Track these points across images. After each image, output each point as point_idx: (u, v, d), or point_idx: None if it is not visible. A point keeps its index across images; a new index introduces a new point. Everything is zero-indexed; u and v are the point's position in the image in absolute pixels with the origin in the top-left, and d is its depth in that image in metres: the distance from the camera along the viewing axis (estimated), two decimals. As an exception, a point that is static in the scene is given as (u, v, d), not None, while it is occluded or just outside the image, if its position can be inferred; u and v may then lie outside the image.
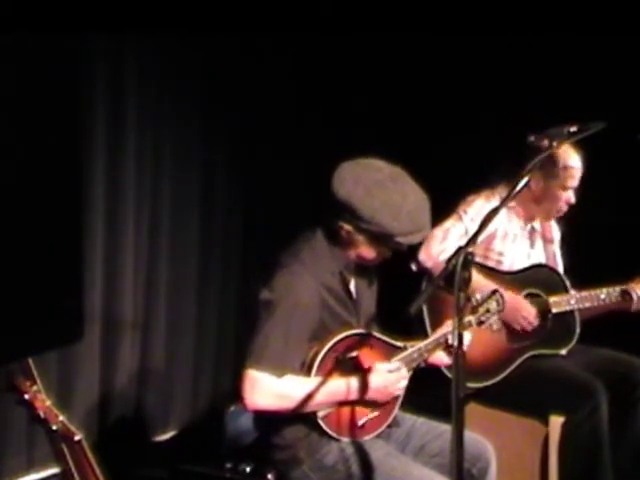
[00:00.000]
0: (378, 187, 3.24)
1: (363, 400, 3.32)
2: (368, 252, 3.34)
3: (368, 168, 3.29)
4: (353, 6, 5.07)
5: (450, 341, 3.41)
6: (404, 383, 3.38)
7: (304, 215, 3.39)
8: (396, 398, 3.40)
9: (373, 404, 3.35)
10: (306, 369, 3.27)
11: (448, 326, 3.45)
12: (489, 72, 5.26)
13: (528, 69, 5.18)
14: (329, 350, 3.28)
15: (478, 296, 3.68)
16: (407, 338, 3.48)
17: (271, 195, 5.39)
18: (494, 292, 3.64)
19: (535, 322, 4.15)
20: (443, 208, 4.16)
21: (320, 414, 3.28)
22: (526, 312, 4.13)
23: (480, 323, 3.58)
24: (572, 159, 4.15)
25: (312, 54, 5.28)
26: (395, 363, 3.36)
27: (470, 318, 3.53)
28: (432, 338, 3.48)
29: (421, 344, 3.45)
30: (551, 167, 4.14)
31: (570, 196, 4.21)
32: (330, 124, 5.38)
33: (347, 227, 3.28)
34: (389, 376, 3.33)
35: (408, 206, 3.24)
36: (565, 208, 4.25)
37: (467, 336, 3.44)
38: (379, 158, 3.35)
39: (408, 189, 3.29)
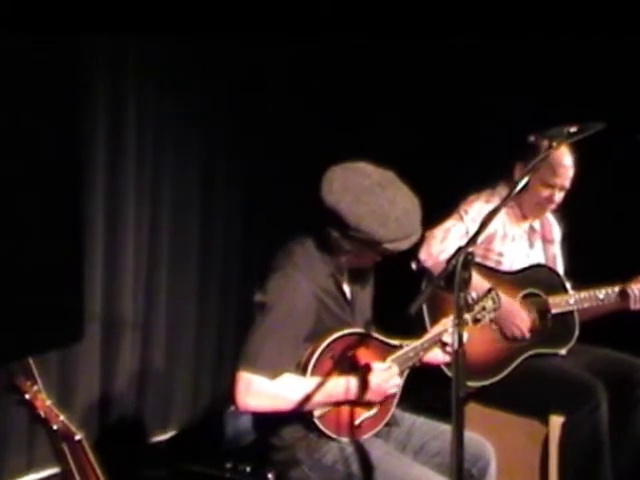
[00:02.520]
0: (366, 194, 3.22)
1: (359, 400, 3.31)
2: (357, 258, 3.34)
3: (356, 174, 3.27)
4: (353, 8, 5.07)
5: (445, 339, 3.43)
6: (397, 381, 3.38)
7: (304, 216, 3.39)
8: (392, 397, 3.40)
9: (369, 404, 3.35)
10: (301, 369, 3.27)
11: (444, 324, 3.46)
12: (489, 73, 5.27)
13: (528, 70, 5.19)
14: (324, 349, 3.28)
15: (474, 294, 3.67)
16: (406, 337, 3.49)
17: (271, 195, 5.39)
18: (490, 290, 3.64)
19: (527, 332, 4.13)
20: (443, 208, 4.17)
21: (316, 414, 3.28)
22: (519, 319, 4.11)
23: (476, 321, 3.58)
24: (562, 157, 4.08)
25: (312, 55, 5.28)
26: (387, 362, 3.36)
27: (466, 316, 3.53)
28: (428, 336, 3.48)
29: (417, 343, 3.45)
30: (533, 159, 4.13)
31: (553, 194, 4.16)
32: (331, 125, 5.38)
33: (335, 234, 3.27)
34: (383, 375, 3.33)
35: (396, 212, 3.23)
36: (548, 206, 4.20)
37: (464, 335, 3.44)
38: (376, 161, 3.34)
39: (397, 195, 3.27)
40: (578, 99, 4.85)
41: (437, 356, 3.53)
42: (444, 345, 3.45)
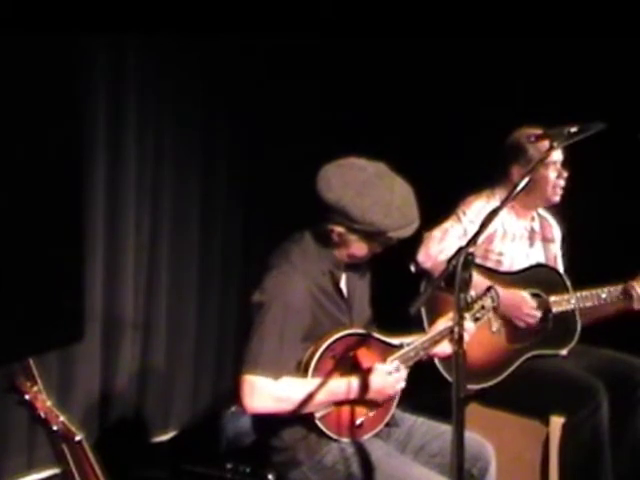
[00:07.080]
0: (366, 186, 3.26)
1: (361, 400, 3.32)
2: (360, 250, 3.35)
3: (353, 169, 3.31)
4: (353, 8, 5.07)
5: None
6: (402, 384, 3.38)
7: (304, 215, 3.39)
8: (393, 397, 3.41)
9: (370, 404, 3.35)
10: (303, 369, 3.28)
11: (444, 323, 3.46)
12: (489, 73, 5.26)
13: (529, 70, 5.19)
14: (325, 350, 3.29)
15: (473, 293, 3.66)
16: (405, 335, 3.48)
17: (271, 195, 5.39)
18: (489, 289, 3.64)
19: (538, 315, 4.13)
20: (443, 209, 4.17)
21: (318, 414, 3.28)
22: (528, 308, 4.12)
23: (475, 320, 3.59)
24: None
25: (312, 55, 5.28)
26: (394, 363, 3.37)
27: (465, 315, 3.53)
28: (428, 336, 3.49)
29: (417, 342, 3.46)
30: (522, 153, 4.14)
31: (558, 169, 4.16)
32: (330, 124, 5.38)
33: (339, 229, 3.30)
34: (388, 377, 3.34)
35: (397, 201, 3.27)
36: (560, 184, 4.20)
37: (470, 325, 3.46)
38: (375, 158, 3.35)
39: (394, 184, 3.31)
40: (578, 99, 4.84)
41: (445, 349, 3.52)
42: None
